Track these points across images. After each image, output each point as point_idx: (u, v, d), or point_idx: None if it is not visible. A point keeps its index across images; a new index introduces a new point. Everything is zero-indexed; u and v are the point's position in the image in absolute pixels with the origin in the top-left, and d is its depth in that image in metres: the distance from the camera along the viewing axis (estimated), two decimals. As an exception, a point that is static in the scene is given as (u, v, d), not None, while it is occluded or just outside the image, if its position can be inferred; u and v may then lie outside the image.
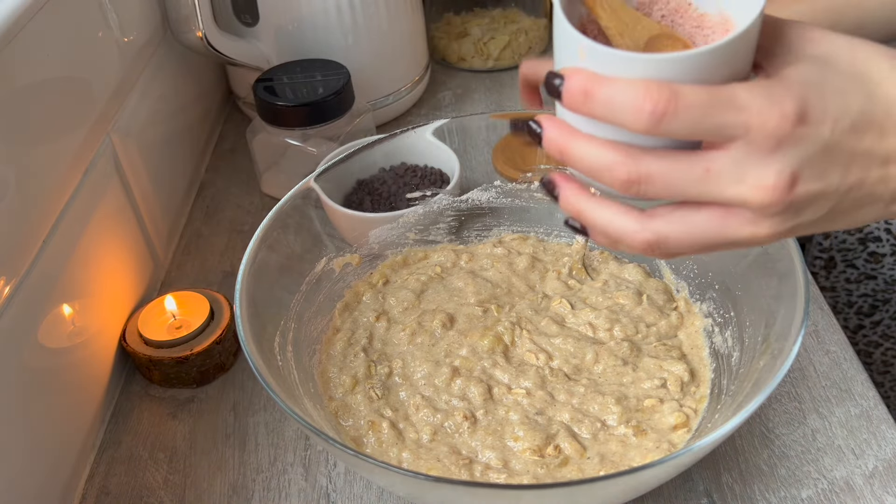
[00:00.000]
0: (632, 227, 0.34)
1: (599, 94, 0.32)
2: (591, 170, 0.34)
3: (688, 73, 0.32)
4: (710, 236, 0.34)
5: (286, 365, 0.50)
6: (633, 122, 0.32)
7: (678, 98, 0.31)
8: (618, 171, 0.33)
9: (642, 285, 0.59)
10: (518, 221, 0.65)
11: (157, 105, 0.72)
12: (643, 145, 0.33)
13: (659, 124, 0.31)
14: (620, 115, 0.32)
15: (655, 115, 0.31)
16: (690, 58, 0.32)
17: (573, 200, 0.36)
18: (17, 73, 0.48)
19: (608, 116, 0.32)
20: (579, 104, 0.33)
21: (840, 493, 0.49)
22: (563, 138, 0.35)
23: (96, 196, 0.58)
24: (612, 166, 0.33)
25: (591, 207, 0.36)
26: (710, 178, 0.32)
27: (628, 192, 0.33)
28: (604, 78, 0.32)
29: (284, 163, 0.76)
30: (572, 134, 0.34)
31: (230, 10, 0.79)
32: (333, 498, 0.52)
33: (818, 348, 0.58)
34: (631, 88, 0.31)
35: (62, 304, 0.52)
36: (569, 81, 0.33)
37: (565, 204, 0.36)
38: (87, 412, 0.55)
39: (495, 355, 0.53)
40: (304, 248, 0.57)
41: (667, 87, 0.31)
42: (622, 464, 0.47)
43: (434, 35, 0.97)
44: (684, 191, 0.33)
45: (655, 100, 0.31)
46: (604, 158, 0.33)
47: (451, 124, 0.64)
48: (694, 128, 0.31)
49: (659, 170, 0.33)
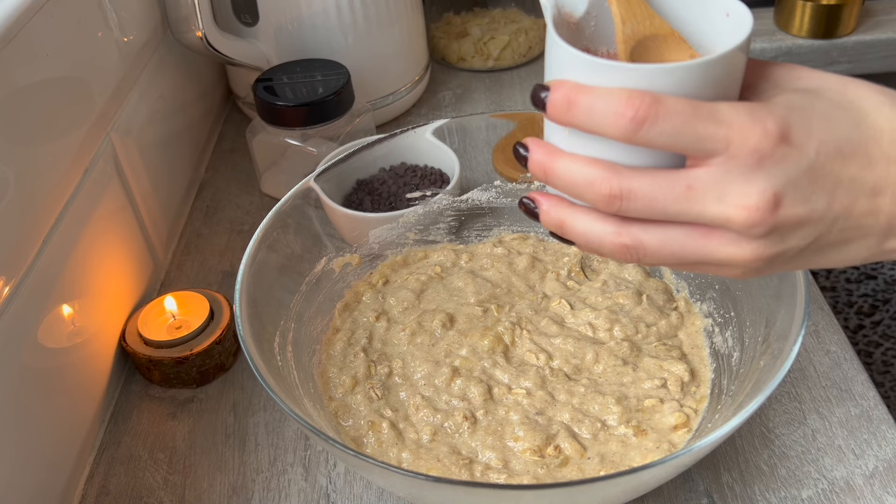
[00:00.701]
0: (609, 230, 0.35)
1: (581, 102, 0.32)
2: (573, 186, 0.34)
3: (673, 85, 0.32)
4: (687, 252, 0.34)
5: (286, 365, 0.50)
6: (614, 128, 0.32)
7: (659, 105, 0.31)
8: (600, 186, 0.33)
9: (642, 285, 0.59)
10: (518, 221, 0.65)
11: (157, 105, 0.72)
12: (626, 164, 0.33)
13: (638, 131, 0.31)
14: (601, 122, 0.32)
15: (636, 122, 0.31)
16: (676, 70, 0.32)
17: (553, 213, 0.36)
18: (17, 73, 0.48)
19: (589, 124, 0.32)
20: (562, 114, 0.33)
21: (840, 494, 0.49)
22: (547, 158, 0.35)
23: (96, 196, 0.58)
24: (595, 182, 0.33)
25: (570, 215, 0.36)
26: (692, 195, 0.32)
27: (610, 208, 0.34)
28: (586, 87, 0.32)
29: (284, 163, 0.76)
30: (555, 153, 0.35)
31: (230, 9, 0.79)
32: (333, 498, 0.52)
33: (818, 348, 0.58)
34: (613, 95, 0.32)
35: (62, 304, 0.52)
36: (553, 92, 0.33)
37: (546, 217, 0.37)
38: (86, 412, 0.55)
39: (495, 355, 0.53)
40: (303, 248, 0.57)
41: (648, 95, 0.31)
42: (622, 464, 0.47)
43: (434, 35, 0.97)
44: (665, 208, 0.33)
45: (636, 106, 0.31)
46: (586, 174, 0.34)
47: (451, 124, 0.64)
48: (674, 138, 0.31)
49: (641, 186, 0.33)
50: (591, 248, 0.36)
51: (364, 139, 0.65)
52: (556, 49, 0.34)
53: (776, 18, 1.02)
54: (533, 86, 0.35)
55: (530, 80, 0.94)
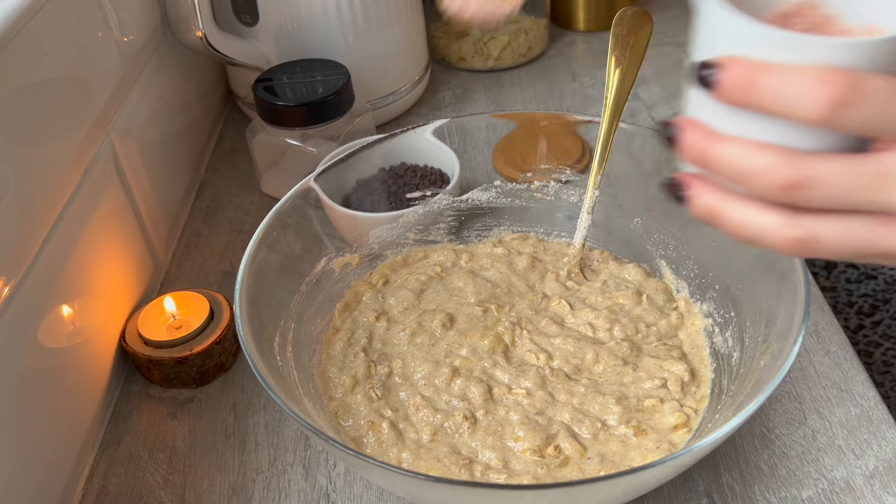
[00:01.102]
0: (777, 222, 0.31)
1: (765, 83, 0.29)
2: (739, 174, 0.31)
3: (867, 61, 0.29)
4: (867, 244, 0.31)
5: (286, 365, 0.50)
6: (806, 112, 0.29)
7: (862, 84, 0.28)
8: (776, 174, 0.30)
9: (642, 285, 0.59)
10: (518, 221, 0.65)
11: (157, 105, 0.72)
12: (800, 147, 0.30)
13: (836, 113, 0.28)
14: (790, 104, 0.29)
15: (835, 104, 0.28)
16: (875, 45, 0.29)
17: (704, 199, 0.33)
18: (17, 73, 0.48)
19: (773, 107, 0.29)
20: (738, 94, 0.30)
21: (840, 494, 0.49)
22: (707, 142, 0.32)
23: (96, 196, 0.58)
24: (770, 169, 0.30)
25: (726, 203, 0.33)
26: (882, 182, 0.30)
27: (784, 197, 0.31)
28: (770, 65, 0.29)
29: (284, 163, 0.76)
30: (717, 136, 0.32)
31: (230, 9, 0.79)
32: (333, 498, 0.52)
33: (818, 348, 0.58)
34: (808, 75, 0.28)
35: (62, 304, 0.52)
36: (728, 71, 0.30)
37: (695, 203, 0.34)
38: (86, 412, 0.55)
39: (495, 355, 0.53)
40: (303, 248, 0.57)
41: (849, 74, 0.28)
42: (622, 464, 0.47)
43: (434, 35, 0.97)
44: (849, 197, 0.30)
45: (837, 86, 0.28)
46: (759, 161, 0.30)
47: (451, 124, 0.64)
48: (873, 119, 0.29)
49: (825, 172, 0.30)
50: (749, 239, 0.33)
51: (364, 139, 0.65)
52: (719, 21, 0.31)
53: (776, 18, 1.02)
54: (694, 62, 0.31)
55: (530, 80, 0.94)
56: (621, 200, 0.61)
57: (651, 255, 0.60)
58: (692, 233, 0.58)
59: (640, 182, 0.60)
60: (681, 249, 0.59)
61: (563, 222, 0.64)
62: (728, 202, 0.33)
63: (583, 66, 0.96)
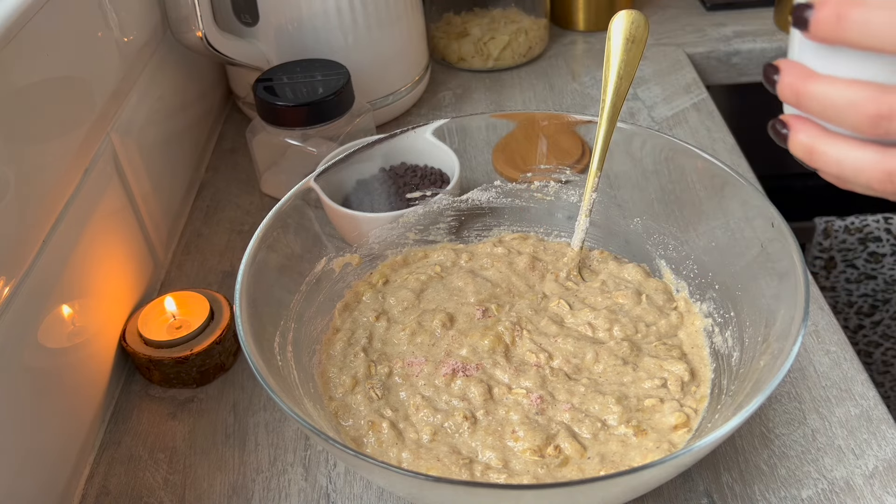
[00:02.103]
0: (870, 157, 0.33)
1: (855, 16, 0.30)
2: (832, 108, 0.32)
3: None
4: None
5: (286, 365, 0.50)
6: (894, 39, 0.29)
7: None
8: (865, 106, 0.31)
9: (641, 285, 0.59)
10: (518, 221, 0.65)
11: (157, 105, 0.72)
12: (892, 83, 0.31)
13: None
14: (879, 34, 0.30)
15: None
16: None
17: (803, 136, 0.35)
18: (17, 73, 0.48)
19: (862, 39, 0.30)
20: (831, 30, 0.31)
21: (840, 493, 0.49)
22: (801, 80, 0.33)
23: (96, 196, 0.58)
24: (858, 102, 0.31)
25: (824, 140, 0.34)
26: None
27: (875, 130, 0.31)
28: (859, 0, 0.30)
29: (284, 163, 0.76)
30: (810, 74, 0.33)
31: (230, 10, 0.79)
32: (333, 498, 0.52)
33: (818, 348, 0.58)
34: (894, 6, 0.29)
35: (62, 304, 0.52)
36: (822, 9, 0.31)
37: (794, 141, 0.35)
38: (86, 412, 0.55)
39: (495, 355, 0.53)
40: (303, 248, 0.57)
41: None
42: (622, 464, 0.47)
43: (434, 35, 0.97)
44: None
45: None
46: (848, 95, 0.32)
47: (451, 124, 0.64)
48: None
49: None
50: (844, 177, 0.34)
51: (364, 139, 0.65)
52: None
53: (776, 18, 1.02)
54: (795, 5, 0.33)
55: (530, 80, 0.94)
56: (621, 200, 0.61)
57: (651, 255, 0.60)
58: (692, 233, 0.58)
59: (640, 182, 0.60)
60: (680, 249, 0.59)
61: (562, 222, 0.64)
62: (825, 139, 0.34)
63: (583, 66, 0.96)
